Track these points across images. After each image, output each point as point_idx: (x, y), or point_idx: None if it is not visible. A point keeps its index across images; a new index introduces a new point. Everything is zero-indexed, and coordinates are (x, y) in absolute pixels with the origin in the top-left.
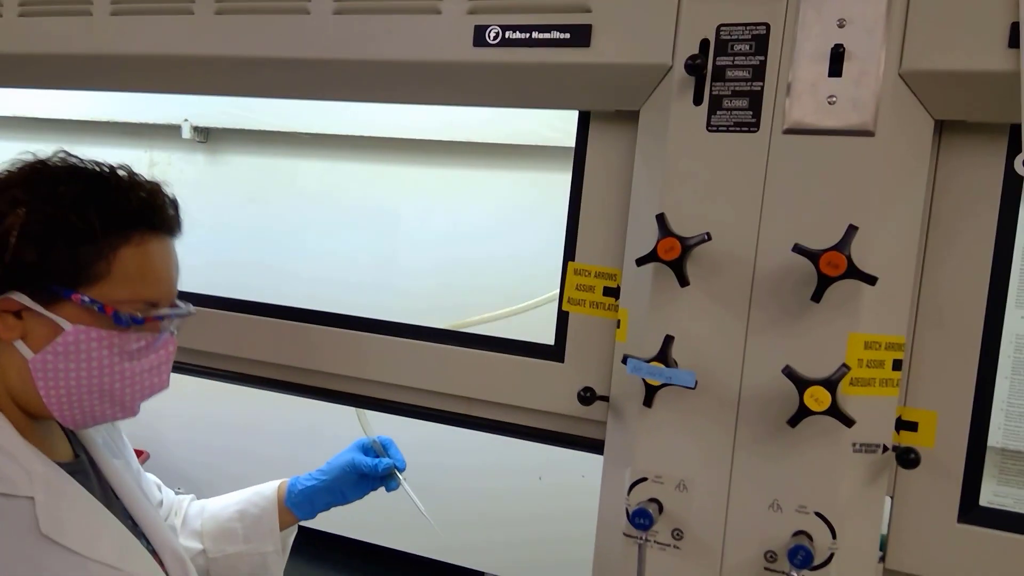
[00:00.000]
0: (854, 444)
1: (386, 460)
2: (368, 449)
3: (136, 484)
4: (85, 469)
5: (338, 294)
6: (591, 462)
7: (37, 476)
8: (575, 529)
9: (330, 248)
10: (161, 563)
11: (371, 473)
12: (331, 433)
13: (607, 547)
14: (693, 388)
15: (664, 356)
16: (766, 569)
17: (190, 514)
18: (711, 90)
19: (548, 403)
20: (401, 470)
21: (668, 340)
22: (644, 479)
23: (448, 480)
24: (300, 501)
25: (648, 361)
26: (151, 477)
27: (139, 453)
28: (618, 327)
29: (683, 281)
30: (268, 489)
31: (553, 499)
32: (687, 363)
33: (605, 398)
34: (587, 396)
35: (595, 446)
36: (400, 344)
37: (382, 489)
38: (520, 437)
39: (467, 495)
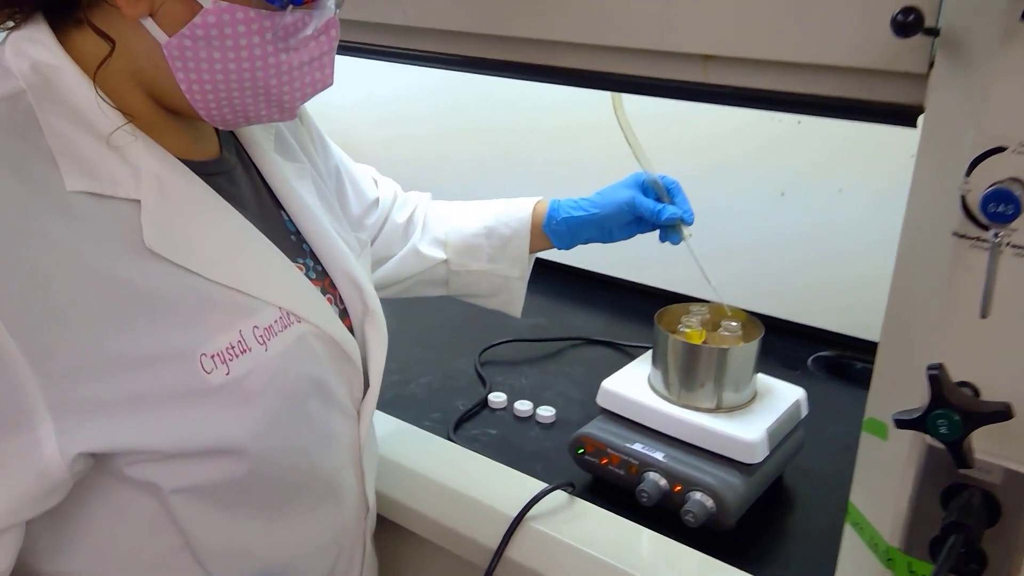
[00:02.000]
0: None
1: (672, 208)
2: (648, 188)
3: (319, 191)
4: (230, 170)
5: None
6: (851, 172)
7: (148, 174)
8: (827, 250)
9: None
10: (333, 287)
11: (650, 219)
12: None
13: (917, 256)
14: None
15: None
16: None
17: (432, 218)
18: None
19: (829, 51)
20: (688, 223)
21: None
22: (1000, 149)
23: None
24: (561, 230)
25: None
26: (364, 171)
27: None
28: None
29: None
30: (523, 209)
31: (798, 218)
32: None
33: (933, 31)
34: (909, 21)
35: (901, 114)
36: None
37: None
38: (783, 107)
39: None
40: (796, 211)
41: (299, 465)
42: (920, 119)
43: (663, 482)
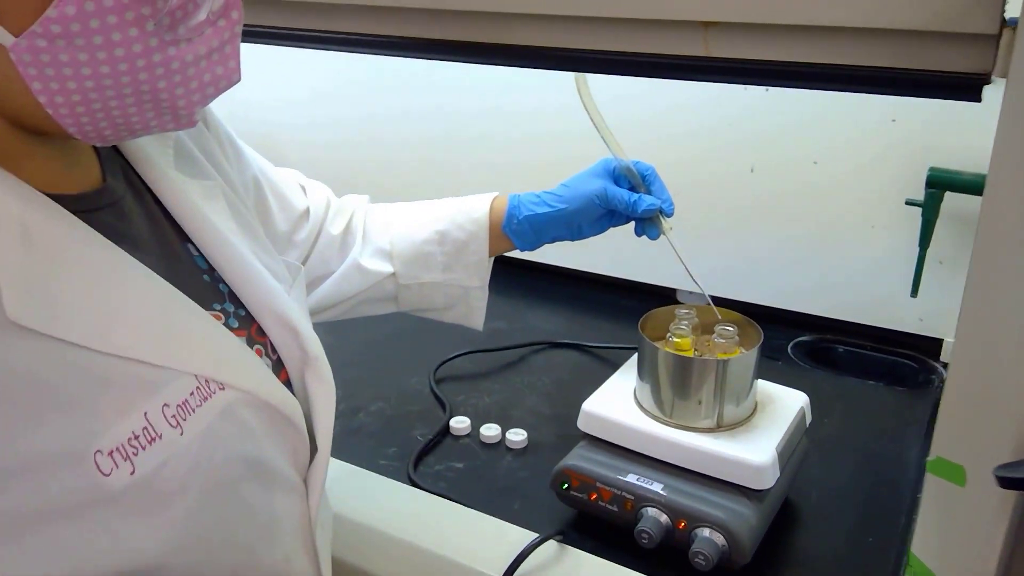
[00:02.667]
0: None
1: (649, 199)
2: (620, 177)
3: (235, 213)
4: (118, 201)
5: None
6: (826, 142)
7: (5, 220)
8: (801, 227)
9: None
10: (261, 335)
11: (625, 212)
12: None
13: (999, 259)
14: None
15: None
16: None
17: (373, 225)
18: None
19: (870, 11)
20: (668, 214)
21: None
22: None
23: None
24: (524, 230)
25: None
26: (288, 177)
27: None
28: None
29: None
30: (478, 208)
31: (769, 194)
32: None
33: None
34: None
35: (960, 86)
36: None
37: None
38: (817, 84)
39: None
40: (767, 187)
41: (239, 566)
42: (987, 90)
43: (664, 518)
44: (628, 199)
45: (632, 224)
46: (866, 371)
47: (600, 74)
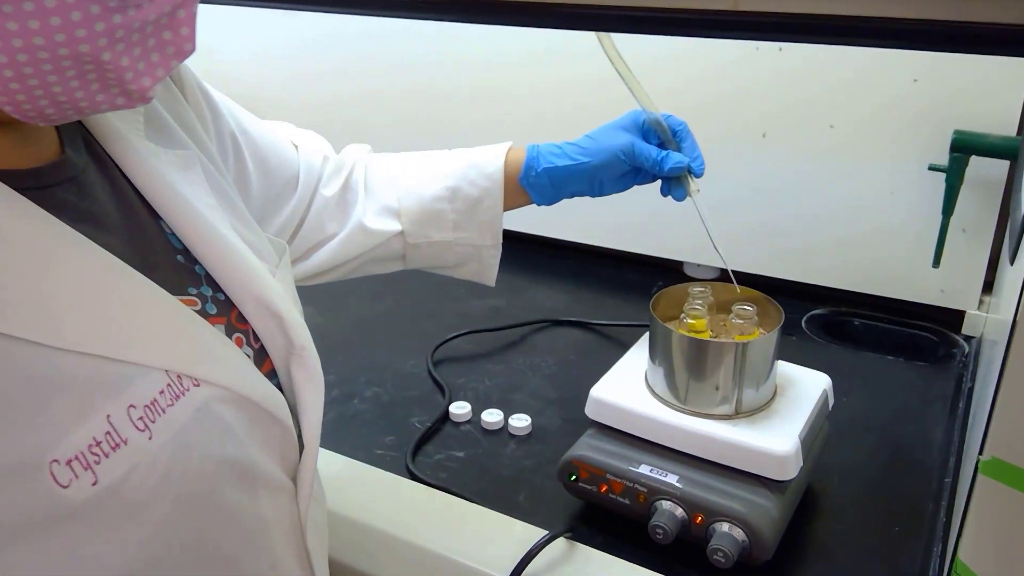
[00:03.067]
0: None
1: (677, 156)
2: (649, 131)
3: (214, 185)
4: (77, 174)
5: None
6: (844, 105)
7: None
8: (815, 198)
9: None
10: (242, 321)
11: (651, 170)
12: None
13: None
14: None
15: None
16: None
17: (376, 180)
18: None
19: None
20: (698, 175)
21: None
22: None
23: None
24: (542, 183)
25: None
26: (278, 132)
27: None
28: None
29: None
30: (492, 162)
31: (782, 161)
32: None
33: None
34: None
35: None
36: None
37: None
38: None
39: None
40: (779, 153)
41: None
42: None
43: (680, 512)
44: (656, 156)
45: (650, 186)
46: (884, 345)
47: (622, 33)
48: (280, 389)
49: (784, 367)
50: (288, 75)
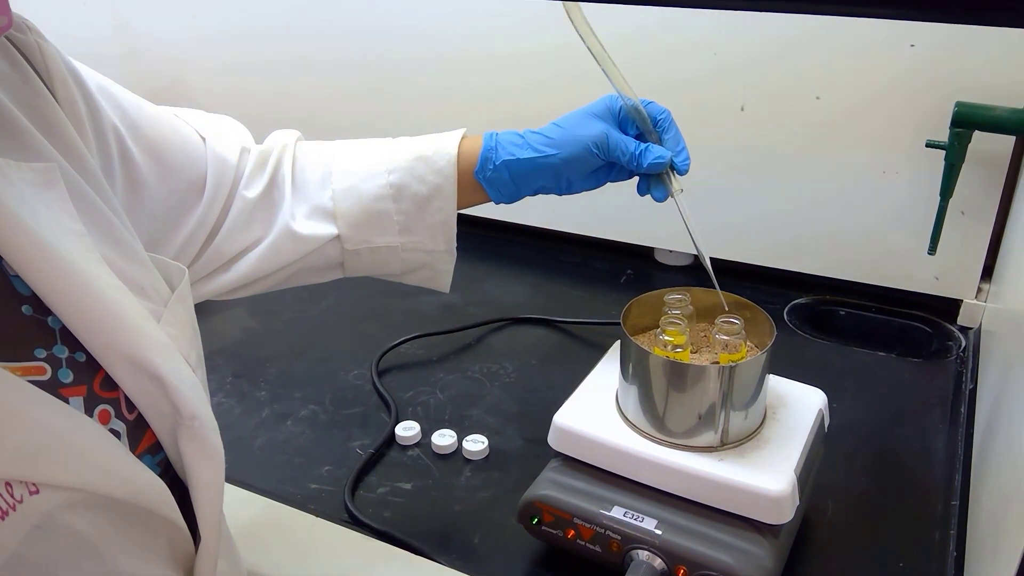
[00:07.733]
0: None
1: (658, 150)
2: (626, 120)
3: (84, 203)
4: None
5: None
6: (830, 76)
7: None
8: (796, 175)
9: None
10: (110, 388)
11: (628, 165)
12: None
13: None
14: None
15: None
16: None
17: (307, 176)
18: None
19: None
20: (681, 172)
21: None
22: None
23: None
24: (501, 178)
25: None
26: (181, 122)
27: None
28: None
29: None
30: (443, 152)
31: (759, 138)
32: None
33: None
34: None
35: None
36: None
37: None
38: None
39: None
40: (759, 127)
41: None
42: None
43: (659, 563)
44: (633, 149)
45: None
46: (873, 338)
47: (595, 1)
48: (168, 462)
49: (773, 382)
50: (223, 61)
